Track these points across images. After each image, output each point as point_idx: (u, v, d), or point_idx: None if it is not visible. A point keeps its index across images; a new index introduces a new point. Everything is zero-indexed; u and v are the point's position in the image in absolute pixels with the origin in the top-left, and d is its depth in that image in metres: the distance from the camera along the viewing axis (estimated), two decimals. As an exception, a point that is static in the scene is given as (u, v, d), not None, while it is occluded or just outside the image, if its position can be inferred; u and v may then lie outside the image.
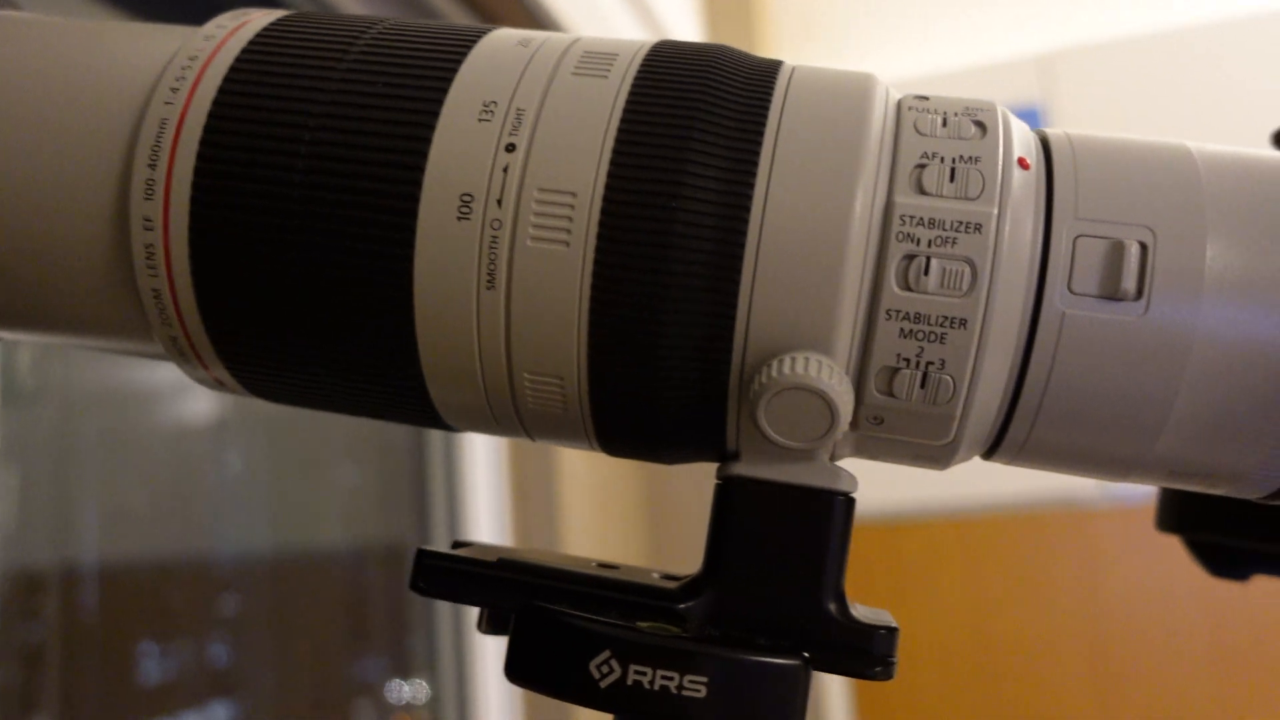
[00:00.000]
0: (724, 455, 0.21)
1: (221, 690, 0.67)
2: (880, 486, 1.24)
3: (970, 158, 0.18)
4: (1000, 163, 0.18)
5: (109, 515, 0.61)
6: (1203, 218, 0.18)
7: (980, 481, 1.38)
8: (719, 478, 0.21)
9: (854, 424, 0.20)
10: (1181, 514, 0.27)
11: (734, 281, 0.18)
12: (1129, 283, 0.18)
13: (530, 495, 1.00)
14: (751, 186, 0.18)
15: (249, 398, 0.22)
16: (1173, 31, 1.55)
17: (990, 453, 0.21)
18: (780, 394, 0.18)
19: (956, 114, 0.19)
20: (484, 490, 0.97)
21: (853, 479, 0.20)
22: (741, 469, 0.20)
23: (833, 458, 0.21)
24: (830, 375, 0.18)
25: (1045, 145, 0.20)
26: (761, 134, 0.19)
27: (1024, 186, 0.19)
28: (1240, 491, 0.20)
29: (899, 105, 0.20)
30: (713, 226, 0.18)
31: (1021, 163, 0.19)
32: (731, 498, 0.20)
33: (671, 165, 0.18)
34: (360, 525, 0.88)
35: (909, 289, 0.18)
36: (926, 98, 0.20)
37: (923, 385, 0.18)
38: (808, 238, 0.18)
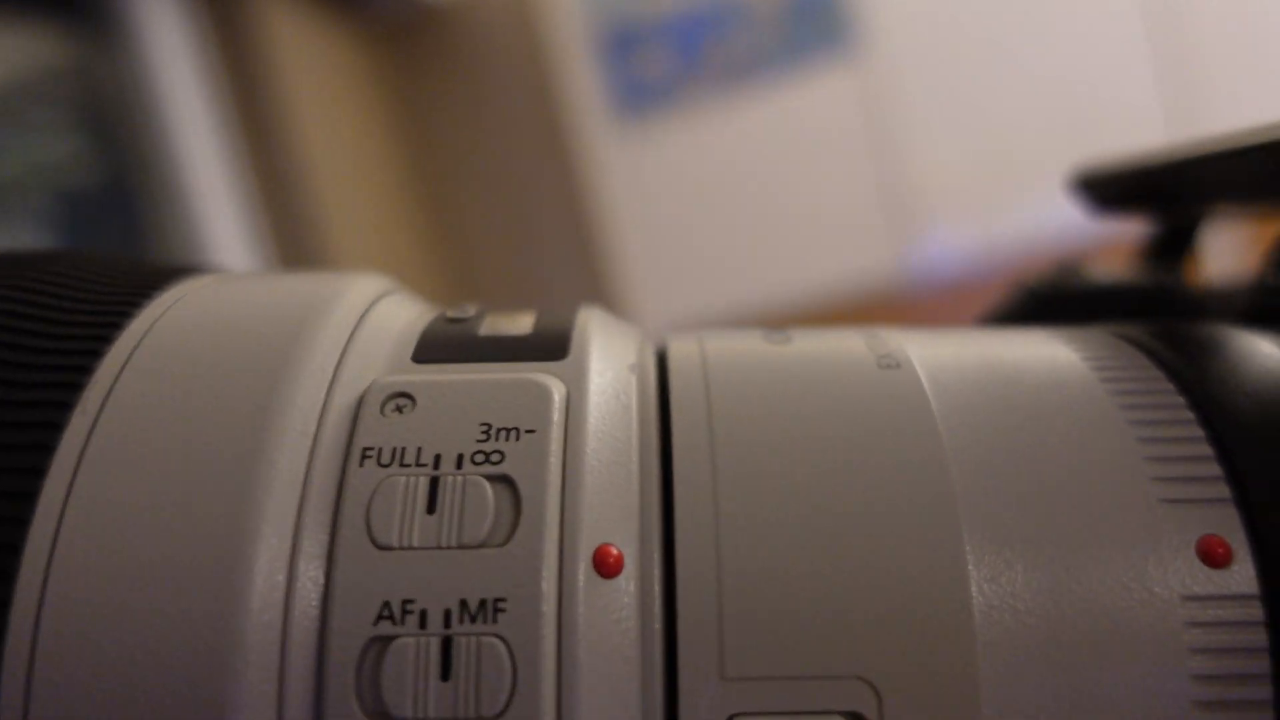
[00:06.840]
0: None
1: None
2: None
3: (479, 606, 0.08)
4: (548, 591, 0.08)
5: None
6: (970, 639, 0.08)
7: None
8: None
9: None
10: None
11: None
12: None
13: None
14: None
15: None
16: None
17: None
18: None
19: (462, 458, 0.09)
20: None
21: None
22: None
23: None
24: None
25: (666, 441, 0.09)
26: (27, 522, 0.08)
27: (607, 634, 0.08)
28: None
29: (357, 417, 0.09)
30: None
31: (602, 559, 0.08)
32: None
33: None
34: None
35: None
36: (409, 398, 0.09)
37: None
38: None
